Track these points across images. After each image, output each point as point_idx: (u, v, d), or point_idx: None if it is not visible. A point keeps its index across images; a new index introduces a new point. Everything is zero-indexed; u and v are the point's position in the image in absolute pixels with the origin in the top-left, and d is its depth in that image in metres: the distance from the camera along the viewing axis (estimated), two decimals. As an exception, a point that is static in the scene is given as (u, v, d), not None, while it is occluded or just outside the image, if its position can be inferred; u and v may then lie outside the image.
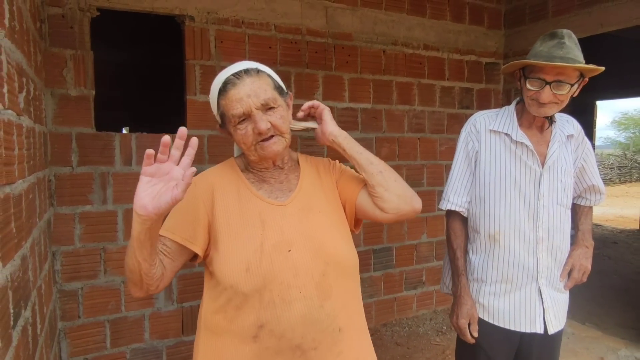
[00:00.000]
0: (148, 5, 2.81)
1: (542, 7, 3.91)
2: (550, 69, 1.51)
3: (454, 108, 4.05)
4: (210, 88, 1.22)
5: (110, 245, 2.80)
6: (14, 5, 1.57)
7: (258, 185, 1.23)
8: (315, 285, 1.12)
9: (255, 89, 1.13)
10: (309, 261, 1.13)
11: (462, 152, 1.77)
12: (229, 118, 1.14)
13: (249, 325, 1.10)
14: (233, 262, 1.11)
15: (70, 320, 2.71)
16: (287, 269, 1.11)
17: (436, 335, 3.69)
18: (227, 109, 1.14)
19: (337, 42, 3.48)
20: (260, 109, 1.12)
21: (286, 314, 1.09)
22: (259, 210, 1.17)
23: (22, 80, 1.68)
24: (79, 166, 2.69)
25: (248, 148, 1.16)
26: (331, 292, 1.15)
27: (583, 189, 1.86)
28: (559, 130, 1.72)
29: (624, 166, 20.66)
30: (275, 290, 1.09)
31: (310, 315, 1.10)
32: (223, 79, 1.16)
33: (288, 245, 1.13)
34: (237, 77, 1.14)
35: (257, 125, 1.12)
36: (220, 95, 1.16)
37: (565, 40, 1.53)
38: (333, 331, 1.14)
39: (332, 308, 1.14)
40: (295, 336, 1.09)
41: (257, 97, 1.12)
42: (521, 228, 1.65)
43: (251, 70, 1.16)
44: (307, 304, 1.10)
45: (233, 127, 1.15)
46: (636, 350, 3.32)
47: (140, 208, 0.92)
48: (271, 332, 1.09)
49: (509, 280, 1.67)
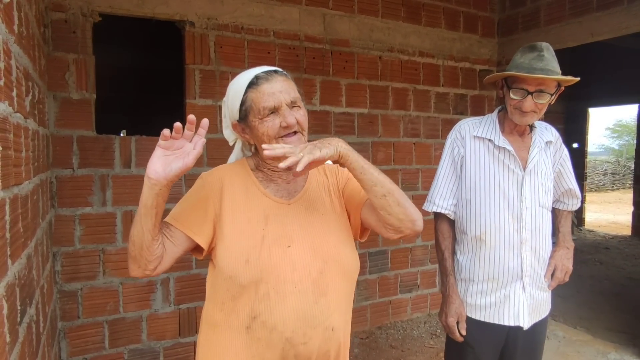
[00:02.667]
0: (149, 10, 2.86)
1: (535, 16, 4.00)
2: (532, 80, 1.60)
3: (448, 114, 4.12)
4: (232, 84, 1.26)
5: (109, 247, 2.84)
6: (22, 12, 1.62)
7: (266, 183, 1.27)
8: (311, 282, 1.16)
9: (286, 87, 1.21)
10: (308, 258, 1.18)
11: (448, 158, 1.85)
12: (258, 110, 1.18)
13: (244, 316, 1.15)
14: (234, 254, 1.15)
15: (69, 321, 2.74)
16: (285, 264, 1.15)
17: (430, 338, 3.73)
18: (258, 101, 1.17)
19: (334, 48, 3.54)
20: (289, 105, 1.19)
21: (279, 306, 1.13)
22: (264, 207, 1.22)
23: (29, 84, 1.73)
24: (79, 168, 2.73)
25: (270, 141, 1.18)
26: (327, 290, 1.18)
27: (561, 193, 1.96)
28: (539, 136, 1.81)
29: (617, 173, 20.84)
30: (271, 283, 1.13)
31: (303, 311, 1.14)
32: (252, 75, 1.21)
33: (288, 241, 1.18)
34: (268, 74, 1.21)
35: (286, 118, 1.17)
36: (250, 88, 1.19)
37: (544, 53, 1.62)
38: (326, 329, 1.18)
39: (326, 306, 1.18)
40: (286, 329, 1.13)
41: (288, 94, 1.19)
42: (506, 229, 1.73)
43: (280, 72, 1.24)
44: (302, 299, 1.14)
45: (259, 120, 1.18)
46: (625, 354, 3.39)
47: (152, 172, 1.00)
48: (263, 324, 1.13)
49: (495, 279, 1.74)
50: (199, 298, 3.13)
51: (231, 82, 1.27)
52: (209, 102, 3.09)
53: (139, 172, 2.88)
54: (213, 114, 3.09)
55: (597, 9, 3.53)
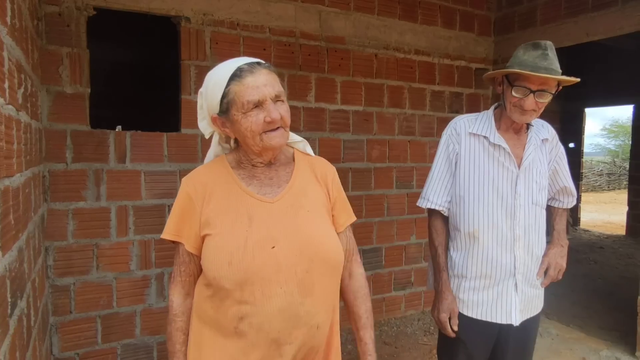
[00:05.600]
0: (145, 5, 2.86)
1: (531, 15, 4.01)
2: (535, 79, 1.59)
3: (444, 112, 4.13)
4: (212, 75, 1.21)
5: (103, 242, 2.83)
6: (14, 4, 1.61)
7: (248, 181, 1.24)
8: (297, 282, 1.15)
9: (270, 80, 1.16)
10: (293, 258, 1.15)
11: (443, 154, 1.85)
12: (241, 104, 1.13)
13: (231, 317, 1.15)
14: (217, 256, 1.14)
15: (62, 315, 2.74)
16: (270, 265, 1.13)
17: (424, 335, 3.75)
18: (242, 94, 1.13)
19: (330, 45, 3.54)
20: (273, 99, 1.15)
21: (266, 308, 1.12)
22: (248, 207, 1.20)
23: (21, 77, 1.73)
24: (73, 163, 2.72)
25: (253, 137, 1.16)
26: (313, 290, 1.17)
27: (556, 191, 1.96)
28: (535, 134, 1.80)
29: (613, 173, 20.92)
30: (256, 285, 1.12)
31: (290, 311, 1.14)
32: (234, 66, 1.16)
33: (272, 242, 1.16)
34: (251, 66, 1.16)
35: (270, 113, 1.13)
36: (233, 80, 1.14)
37: (548, 52, 1.61)
38: (311, 328, 1.18)
39: (312, 305, 1.17)
40: (272, 330, 1.13)
41: (272, 87, 1.15)
42: (499, 226, 1.73)
43: (263, 64, 1.19)
44: (288, 299, 1.13)
45: (242, 114, 1.14)
46: (617, 351, 3.41)
47: None
48: (250, 325, 1.13)
49: (488, 276, 1.75)
50: (193, 294, 3.12)
51: (210, 73, 1.22)
52: (204, 97, 3.08)
53: (133, 167, 2.87)
54: (208, 110, 3.08)
55: (592, 9, 3.54)
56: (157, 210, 2.97)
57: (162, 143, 2.94)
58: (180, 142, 3.01)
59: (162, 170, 2.96)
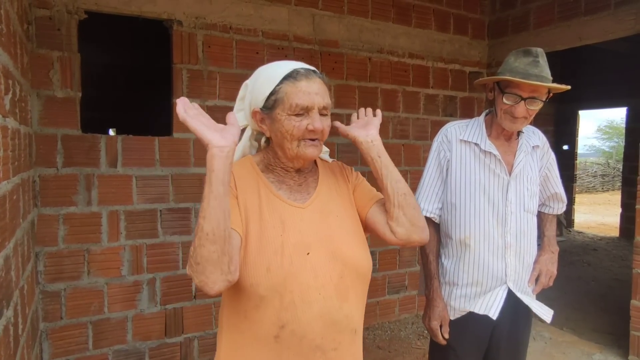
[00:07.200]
0: (136, 9, 2.84)
1: (524, 19, 4.02)
2: (526, 86, 1.59)
3: (438, 115, 4.13)
4: (265, 70, 1.20)
5: (94, 247, 2.81)
6: (1, 9, 1.59)
7: (277, 185, 1.22)
8: (334, 287, 1.14)
9: (323, 90, 1.17)
10: (328, 263, 1.15)
11: (434, 161, 1.84)
12: (289, 105, 1.13)
13: (270, 325, 1.10)
14: (254, 262, 1.10)
15: (52, 321, 2.71)
16: (307, 270, 1.12)
17: (417, 339, 3.74)
18: (293, 96, 1.13)
19: (323, 48, 3.53)
20: (320, 110, 1.15)
21: (307, 314, 1.11)
22: (280, 211, 1.17)
23: (8, 82, 1.71)
24: (63, 167, 2.70)
25: (291, 141, 1.15)
26: (348, 294, 1.17)
27: (547, 197, 1.96)
28: (525, 140, 1.80)
29: (607, 175, 21.03)
30: (295, 291, 1.10)
31: (330, 316, 1.13)
32: (291, 67, 1.16)
33: (307, 248, 1.15)
34: (307, 72, 1.16)
35: (314, 123, 1.13)
36: (287, 79, 1.14)
37: (540, 59, 1.61)
38: (350, 332, 1.18)
39: (349, 309, 1.17)
40: (316, 337, 1.12)
41: (322, 98, 1.15)
42: (490, 233, 1.73)
43: (318, 73, 1.19)
44: (327, 305, 1.12)
45: (287, 115, 1.13)
46: (610, 355, 3.42)
47: (219, 141, 1.00)
48: (292, 333, 1.10)
49: (479, 284, 1.74)
50: (185, 298, 3.11)
51: (263, 68, 1.22)
52: (197, 102, 3.05)
53: (125, 171, 2.85)
54: (200, 114, 3.07)
55: (585, 13, 3.56)
56: (148, 215, 2.95)
57: (154, 147, 2.92)
58: (172, 147, 2.99)
59: (154, 174, 2.94)
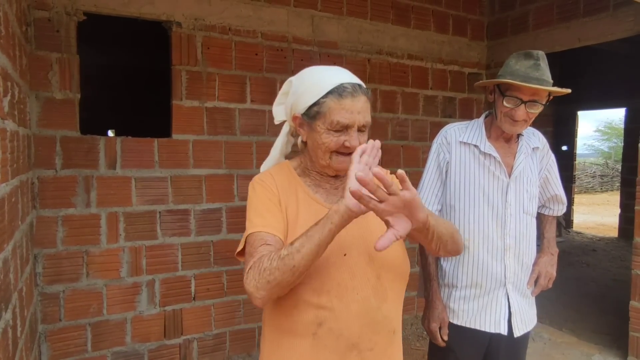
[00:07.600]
0: (135, 10, 2.84)
1: (523, 20, 4.02)
2: (527, 90, 1.59)
3: (437, 116, 4.13)
4: (313, 76, 1.19)
5: (93, 248, 2.80)
6: (0, 11, 1.59)
7: (314, 189, 1.26)
8: (371, 288, 1.16)
9: (365, 109, 1.17)
10: (365, 265, 1.17)
11: (434, 163, 1.84)
12: (330, 121, 1.14)
13: (308, 322, 1.13)
14: None
15: (51, 323, 2.71)
16: (344, 271, 1.15)
17: (417, 340, 3.74)
18: (335, 113, 1.14)
19: (322, 50, 3.53)
20: (359, 127, 1.17)
21: (344, 314, 1.13)
22: (317, 214, 1.17)
23: (7, 85, 1.70)
24: (62, 169, 2.70)
25: (325, 152, 1.18)
26: (387, 295, 1.19)
27: (547, 199, 1.96)
28: (525, 142, 1.80)
29: (606, 175, 21.06)
30: (332, 292, 1.13)
31: (368, 316, 1.15)
32: (338, 80, 1.15)
33: (344, 250, 1.17)
34: (354, 89, 1.15)
35: (351, 140, 1.15)
36: (332, 94, 1.14)
37: (540, 62, 1.61)
38: (388, 333, 1.19)
39: (388, 310, 1.19)
40: (352, 335, 1.13)
41: (363, 117, 1.16)
42: (489, 235, 1.73)
43: (364, 89, 1.19)
44: (365, 305, 1.14)
45: (326, 129, 1.15)
46: (609, 356, 3.42)
47: (354, 206, 1.01)
48: (330, 330, 1.13)
49: (478, 286, 1.74)
50: (185, 300, 3.11)
51: (311, 71, 1.21)
52: (196, 103, 3.06)
53: (124, 173, 2.85)
54: (199, 116, 3.07)
55: (584, 15, 3.56)
56: (147, 217, 2.95)
57: (153, 149, 2.92)
58: (171, 148, 2.99)
59: (153, 176, 2.93)
